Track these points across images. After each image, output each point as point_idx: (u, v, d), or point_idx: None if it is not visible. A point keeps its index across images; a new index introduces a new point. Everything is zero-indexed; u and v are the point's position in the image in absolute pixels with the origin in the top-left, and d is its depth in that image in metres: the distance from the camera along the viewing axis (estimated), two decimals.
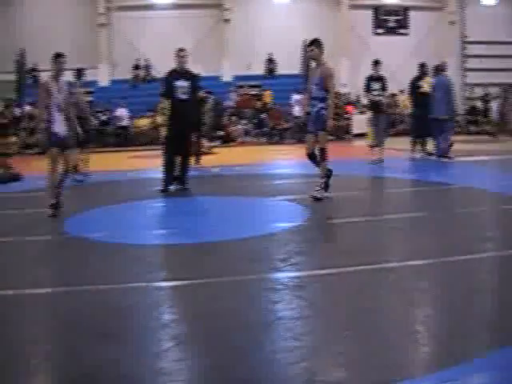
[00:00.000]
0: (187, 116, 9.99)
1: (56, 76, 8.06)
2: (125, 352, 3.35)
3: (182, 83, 9.85)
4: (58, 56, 8.01)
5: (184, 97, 9.85)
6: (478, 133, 25.37)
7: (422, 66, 14.10)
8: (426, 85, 13.71)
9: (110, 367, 3.16)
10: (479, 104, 27.71)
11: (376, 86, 13.24)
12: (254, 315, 3.92)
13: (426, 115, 13.46)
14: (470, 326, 3.59)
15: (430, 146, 13.86)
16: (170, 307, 4.19)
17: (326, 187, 8.49)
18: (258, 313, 3.96)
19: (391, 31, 30.35)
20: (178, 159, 10.16)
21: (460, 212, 7.49)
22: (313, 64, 9.02)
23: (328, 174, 8.52)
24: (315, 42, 8.67)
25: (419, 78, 13.93)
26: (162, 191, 9.86)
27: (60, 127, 7.98)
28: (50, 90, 7.90)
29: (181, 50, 10.16)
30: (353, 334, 3.52)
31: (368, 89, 13.35)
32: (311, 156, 8.64)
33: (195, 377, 3.11)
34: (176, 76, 9.92)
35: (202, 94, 10.08)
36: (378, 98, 13.22)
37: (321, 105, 8.45)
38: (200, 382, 3.07)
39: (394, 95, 26.61)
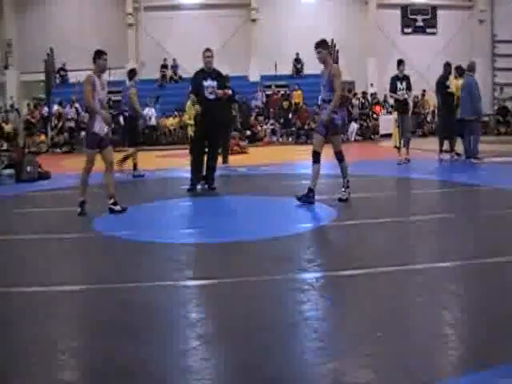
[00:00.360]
0: (215, 115, 9.98)
1: (99, 72, 8.08)
2: (151, 350, 3.37)
3: (209, 83, 9.87)
4: (101, 53, 8.04)
5: (211, 96, 9.86)
6: (507, 133, 25.07)
7: (448, 65, 13.96)
8: (452, 85, 13.59)
9: (136, 364, 3.18)
10: (509, 104, 27.34)
11: (401, 85, 13.15)
12: (279, 315, 3.91)
13: (454, 115, 13.34)
14: (498, 330, 3.54)
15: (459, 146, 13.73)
16: (197, 306, 4.21)
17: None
18: (284, 313, 3.96)
19: (419, 30, 30.11)
20: (206, 158, 10.21)
21: (488, 214, 7.40)
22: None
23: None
24: (321, 44, 8.39)
25: (446, 77, 13.79)
26: (189, 190, 9.92)
27: (100, 125, 7.97)
28: (94, 85, 7.90)
29: (207, 50, 10.20)
30: (380, 335, 3.49)
31: (394, 89, 13.25)
32: (316, 154, 8.22)
33: (221, 376, 3.11)
34: (203, 76, 9.95)
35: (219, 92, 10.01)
36: (403, 98, 13.12)
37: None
38: (226, 381, 3.07)
39: (423, 96, 26.44)
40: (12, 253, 6.13)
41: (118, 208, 7.90)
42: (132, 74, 13.17)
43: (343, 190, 8.30)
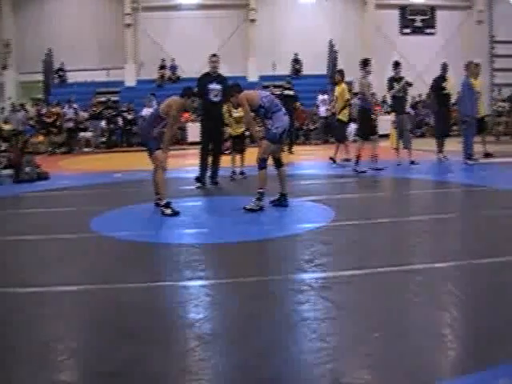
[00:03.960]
0: (219, 117, 10.53)
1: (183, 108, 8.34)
2: (150, 350, 3.36)
3: (214, 86, 10.40)
4: (192, 94, 8.27)
5: (216, 99, 10.39)
6: (506, 134, 25.05)
7: (445, 66, 13.99)
8: (448, 85, 13.62)
9: (135, 365, 3.18)
10: (507, 105, 27.28)
11: (398, 86, 13.17)
12: (279, 316, 3.91)
13: (449, 116, 13.37)
14: (497, 330, 3.54)
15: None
16: (196, 306, 4.19)
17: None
18: (283, 313, 3.95)
19: (418, 31, 30.12)
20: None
21: (486, 214, 7.39)
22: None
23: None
24: (232, 91, 8.11)
25: (443, 78, 13.80)
26: (199, 187, 10.45)
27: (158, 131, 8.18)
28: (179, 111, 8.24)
29: (213, 55, 10.95)
30: (379, 335, 3.49)
31: (391, 89, 13.28)
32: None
33: (220, 376, 3.10)
34: (209, 79, 10.51)
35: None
36: (401, 94, 13.14)
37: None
38: (224, 381, 3.07)
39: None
40: (10, 253, 6.12)
41: (168, 211, 7.72)
42: (365, 63, 12.69)
43: (253, 199, 7.85)
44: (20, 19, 28.06)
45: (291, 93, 14.31)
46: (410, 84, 13.34)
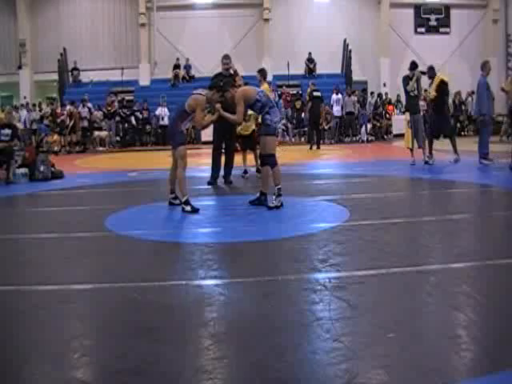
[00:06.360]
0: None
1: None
2: (164, 349, 3.36)
3: None
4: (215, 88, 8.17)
5: None
6: None
7: (431, 69, 13.76)
8: (430, 89, 13.51)
9: (150, 364, 3.18)
10: None
11: (411, 83, 13.10)
12: (292, 315, 3.90)
13: (441, 116, 13.24)
14: None
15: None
16: (209, 305, 4.20)
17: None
18: (297, 313, 3.94)
19: (432, 30, 30.01)
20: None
21: (501, 214, 7.35)
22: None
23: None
24: (224, 90, 8.16)
25: (431, 81, 13.63)
26: (209, 184, 10.71)
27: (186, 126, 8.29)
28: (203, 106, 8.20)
29: (224, 56, 11.19)
30: (393, 336, 3.47)
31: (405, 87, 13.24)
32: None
33: (234, 375, 3.10)
34: (221, 79, 10.42)
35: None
36: (415, 93, 13.05)
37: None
38: (238, 380, 3.06)
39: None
40: (25, 252, 6.16)
41: (188, 208, 7.80)
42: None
43: (273, 197, 8.03)
44: (35, 19, 28.27)
45: (319, 94, 14.24)
46: (423, 73, 13.24)
